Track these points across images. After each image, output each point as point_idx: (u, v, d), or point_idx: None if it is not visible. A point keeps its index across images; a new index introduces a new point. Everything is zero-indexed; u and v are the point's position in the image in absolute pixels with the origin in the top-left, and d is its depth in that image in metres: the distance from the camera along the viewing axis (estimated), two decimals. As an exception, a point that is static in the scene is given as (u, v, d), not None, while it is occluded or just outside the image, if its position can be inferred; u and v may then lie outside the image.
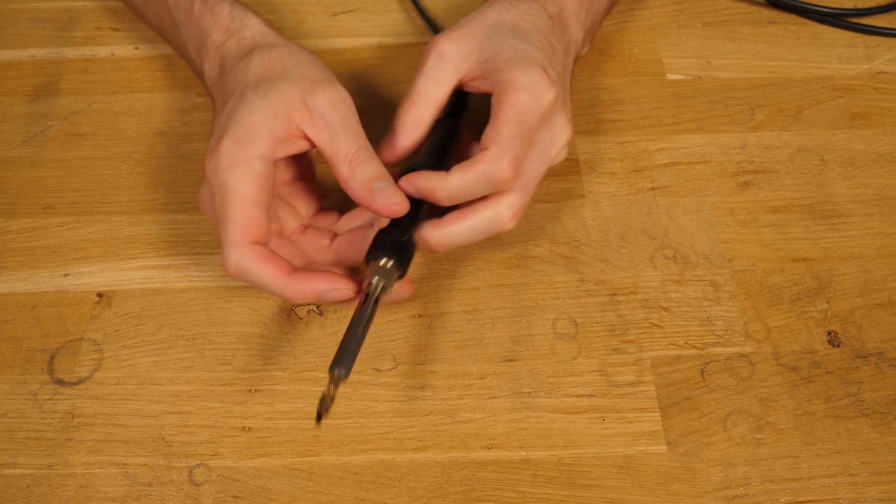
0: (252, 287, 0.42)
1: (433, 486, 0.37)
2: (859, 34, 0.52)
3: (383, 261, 0.36)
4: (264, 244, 0.36)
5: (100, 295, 0.43)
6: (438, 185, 0.37)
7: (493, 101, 0.38)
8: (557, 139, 0.39)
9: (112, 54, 0.53)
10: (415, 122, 0.40)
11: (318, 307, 0.42)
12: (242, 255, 0.35)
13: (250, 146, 0.36)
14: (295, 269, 0.36)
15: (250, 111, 0.37)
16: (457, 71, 0.40)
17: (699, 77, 0.51)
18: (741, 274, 0.43)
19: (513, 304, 0.42)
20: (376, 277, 0.36)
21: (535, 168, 0.39)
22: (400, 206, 0.37)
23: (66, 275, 0.43)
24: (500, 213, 0.38)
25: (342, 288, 0.36)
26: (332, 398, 0.33)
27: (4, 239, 0.45)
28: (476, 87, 0.41)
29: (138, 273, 0.43)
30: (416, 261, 0.43)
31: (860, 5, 0.54)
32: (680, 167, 0.47)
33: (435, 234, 0.38)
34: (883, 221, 0.45)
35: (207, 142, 0.38)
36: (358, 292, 0.37)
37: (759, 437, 0.38)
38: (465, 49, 0.40)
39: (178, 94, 0.51)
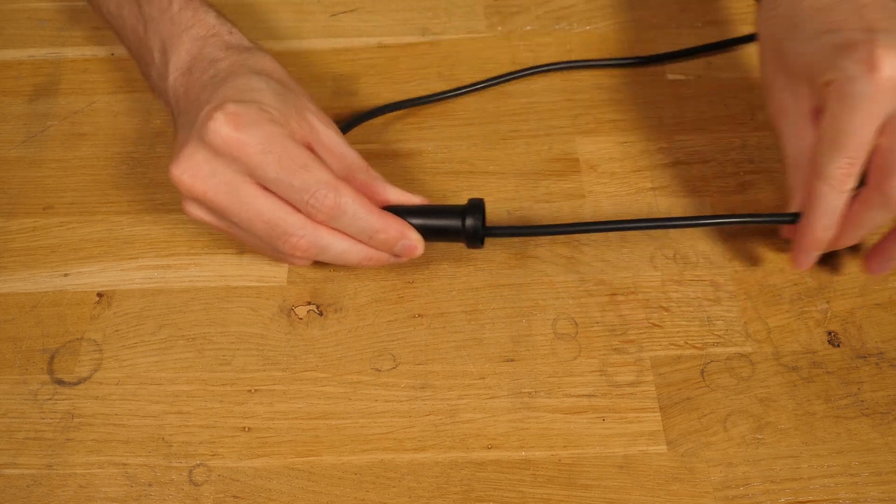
0: (253, 286, 0.43)
1: (433, 486, 0.37)
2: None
3: None
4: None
5: (100, 295, 0.43)
6: None
7: None
8: None
9: (112, 54, 0.53)
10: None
11: (317, 307, 0.42)
12: (342, 192, 0.35)
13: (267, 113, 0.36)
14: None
15: (263, 91, 0.37)
16: None
17: (699, 77, 0.51)
18: (741, 274, 0.43)
19: (513, 304, 0.42)
20: None
21: None
22: None
23: (65, 275, 0.43)
24: None
25: (416, 238, 0.38)
26: None
27: (4, 239, 0.45)
28: None
29: (138, 273, 0.43)
30: (416, 261, 0.43)
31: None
32: (680, 167, 0.47)
33: None
34: (883, 221, 0.45)
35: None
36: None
37: (759, 437, 0.38)
38: None
39: (178, 94, 0.50)
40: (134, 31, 0.43)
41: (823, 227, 0.37)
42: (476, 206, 0.39)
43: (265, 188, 0.36)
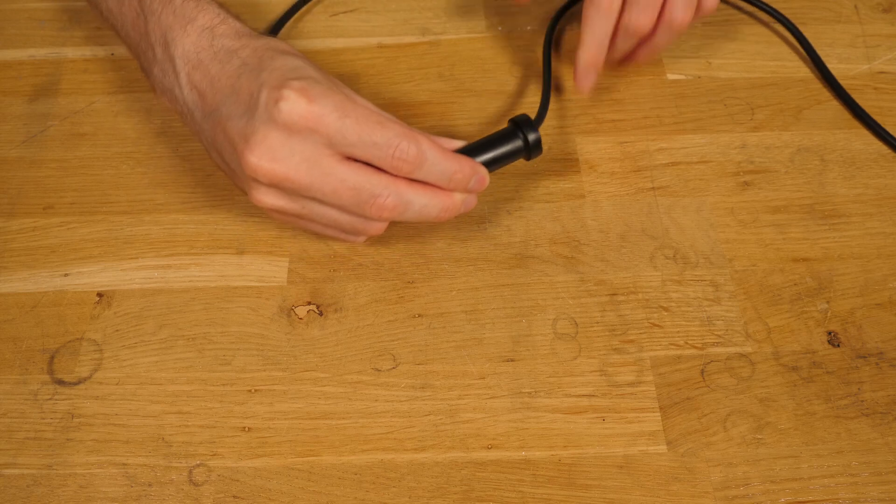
0: (253, 286, 0.43)
1: (433, 486, 0.37)
2: (859, 35, 0.52)
3: None
4: None
5: (100, 295, 0.43)
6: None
7: None
8: None
9: (112, 54, 0.53)
10: None
11: (317, 307, 0.42)
12: (420, 141, 0.36)
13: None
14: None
15: (306, 68, 0.37)
16: None
17: (699, 77, 0.51)
18: (741, 274, 0.43)
19: (513, 304, 0.42)
20: None
21: None
22: None
23: (65, 275, 0.43)
24: None
25: (484, 171, 0.40)
26: None
27: (4, 239, 0.45)
28: None
29: (138, 273, 0.43)
30: (416, 261, 0.43)
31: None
32: (680, 167, 0.47)
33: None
34: (883, 221, 0.45)
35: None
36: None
37: (759, 437, 0.38)
38: None
39: (178, 94, 0.50)
40: (135, 27, 0.42)
41: (597, 44, 0.45)
42: (526, 122, 0.42)
43: (342, 157, 0.36)
